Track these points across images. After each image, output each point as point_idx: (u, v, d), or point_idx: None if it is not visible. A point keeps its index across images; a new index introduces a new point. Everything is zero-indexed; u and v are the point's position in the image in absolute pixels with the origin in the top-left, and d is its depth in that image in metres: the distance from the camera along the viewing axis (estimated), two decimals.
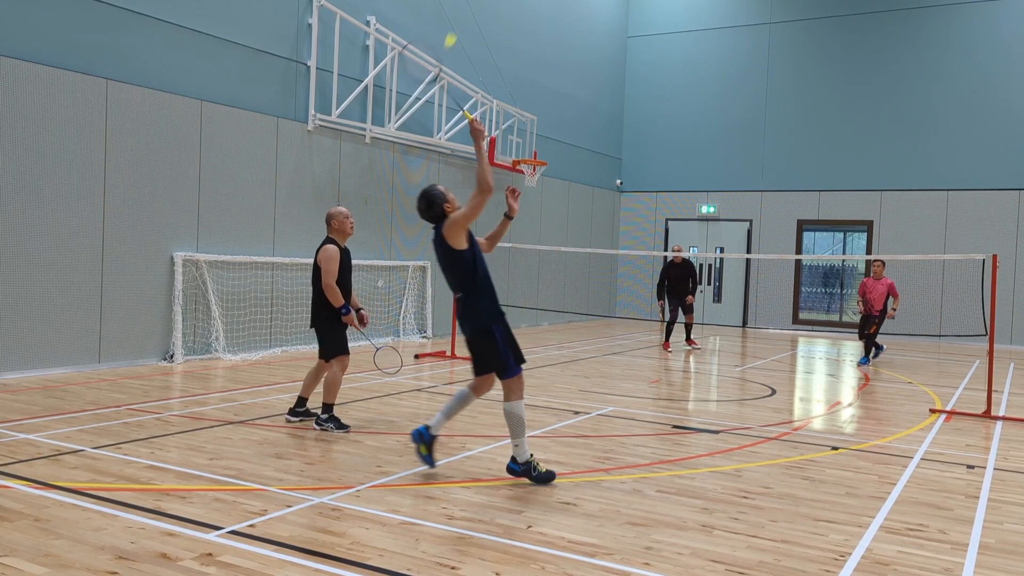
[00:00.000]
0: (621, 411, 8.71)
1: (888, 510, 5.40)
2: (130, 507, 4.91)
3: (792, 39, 21.04)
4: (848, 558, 4.48)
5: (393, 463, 6.19)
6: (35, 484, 5.32)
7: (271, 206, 12.58)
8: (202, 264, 11.40)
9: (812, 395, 10.87)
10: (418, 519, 4.87)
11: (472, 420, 8.04)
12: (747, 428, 8.09)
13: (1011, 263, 18.15)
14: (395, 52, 14.16)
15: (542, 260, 19.34)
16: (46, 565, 4.02)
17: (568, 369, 12.13)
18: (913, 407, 9.67)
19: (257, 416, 7.76)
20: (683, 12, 22.37)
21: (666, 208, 22.58)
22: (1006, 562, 4.53)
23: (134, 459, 6.02)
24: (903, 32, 19.79)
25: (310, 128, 13.09)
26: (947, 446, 7.49)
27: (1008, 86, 18.71)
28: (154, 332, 10.97)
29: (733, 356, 15.04)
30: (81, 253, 10.08)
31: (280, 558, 4.19)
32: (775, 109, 21.18)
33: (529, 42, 18.70)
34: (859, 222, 20.41)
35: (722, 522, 5.03)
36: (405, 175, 15.20)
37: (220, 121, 11.72)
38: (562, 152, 20.23)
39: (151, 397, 8.58)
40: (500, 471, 6.05)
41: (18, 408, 7.72)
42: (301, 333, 13.05)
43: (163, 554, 4.19)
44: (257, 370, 10.78)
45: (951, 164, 19.23)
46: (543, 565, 4.23)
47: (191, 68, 11.33)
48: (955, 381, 12.21)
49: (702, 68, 22.08)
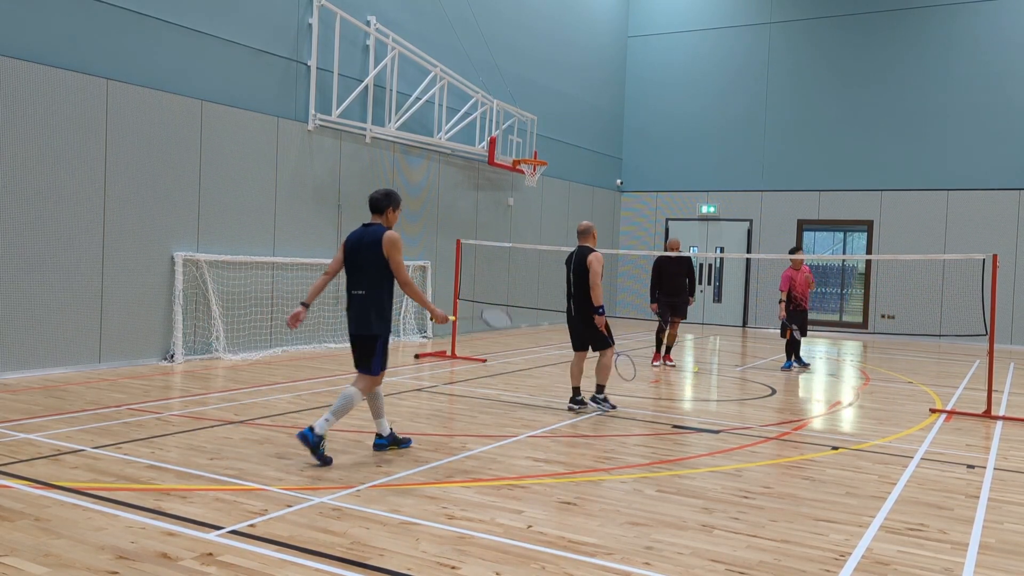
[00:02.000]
0: (621, 411, 8.72)
1: (888, 510, 5.40)
2: (130, 507, 4.92)
3: (792, 39, 21.04)
4: (848, 558, 4.48)
5: (393, 463, 6.19)
6: (35, 484, 5.32)
7: (271, 206, 12.58)
8: (202, 264, 11.40)
9: (812, 395, 10.87)
10: (418, 519, 4.87)
11: (472, 420, 8.05)
12: (747, 428, 8.09)
13: (1011, 263, 18.14)
14: (395, 52, 14.16)
15: (542, 260, 19.34)
16: (46, 565, 4.02)
17: (568, 369, 12.10)
18: (913, 407, 9.67)
19: (257, 416, 7.76)
20: (683, 12, 22.37)
21: (666, 208, 22.58)
22: (1006, 562, 4.53)
23: (134, 459, 6.03)
24: (903, 32, 19.79)
25: (310, 128, 13.09)
26: (947, 446, 7.49)
27: (1008, 86, 18.70)
28: (154, 332, 10.98)
29: (733, 356, 15.04)
30: (81, 253, 10.08)
31: (280, 558, 4.19)
32: (775, 109, 21.18)
33: (529, 42, 18.70)
34: (859, 222, 20.40)
35: (722, 522, 5.04)
36: (406, 175, 15.20)
37: (220, 121, 11.72)
38: (562, 152, 20.23)
39: (151, 397, 8.58)
40: (500, 471, 6.05)
41: (18, 408, 7.72)
42: (301, 333, 13.06)
43: (163, 554, 4.19)
44: (257, 370, 10.78)
45: (951, 164, 19.23)
46: (543, 565, 4.23)
47: (191, 68, 11.33)
48: (955, 381, 12.21)
49: (702, 68, 22.08)
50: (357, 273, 6.37)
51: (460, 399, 9.24)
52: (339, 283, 13.78)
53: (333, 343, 13.54)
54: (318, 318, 13.37)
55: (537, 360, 12.94)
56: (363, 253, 6.31)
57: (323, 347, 13.25)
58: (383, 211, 6.51)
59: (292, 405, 8.38)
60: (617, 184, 23.04)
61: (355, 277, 6.38)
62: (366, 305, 6.29)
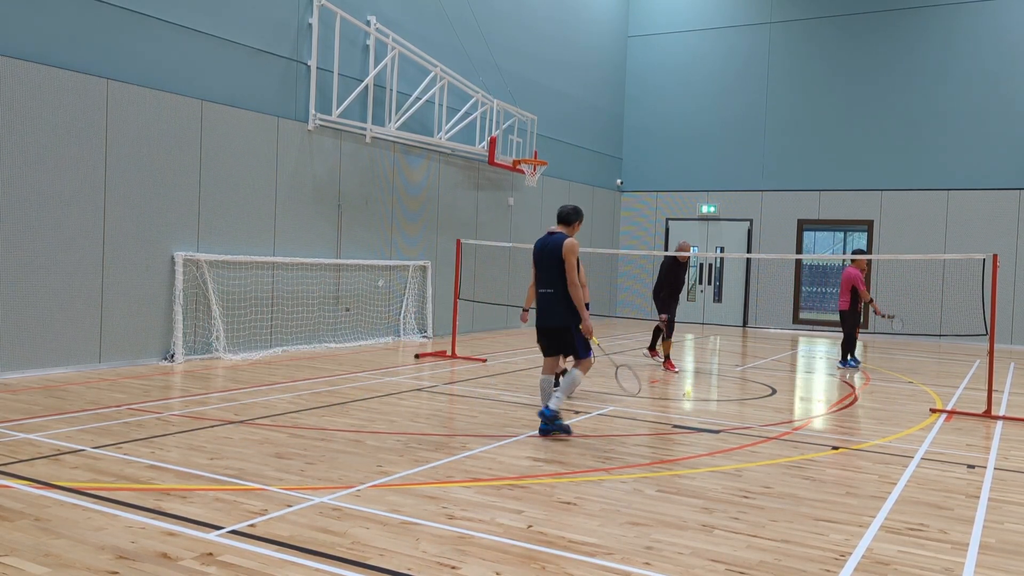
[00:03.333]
0: (621, 411, 8.71)
1: (888, 510, 5.40)
2: (130, 507, 4.91)
3: (792, 39, 21.04)
4: (848, 558, 4.48)
5: (393, 463, 6.19)
6: (36, 484, 5.32)
7: (271, 206, 12.58)
8: (202, 264, 11.40)
9: (812, 395, 10.87)
10: (418, 519, 4.87)
11: (472, 420, 8.05)
12: (747, 428, 8.09)
13: (1011, 263, 18.14)
14: (395, 52, 14.16)
15: None
16: (47, 565, 4.02)
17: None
18: (913, 407, 9.67)
19: (258, 416, 7.76)
20: (683, 12, 22.37)
21: (666, 208, 22.58)
22: (1006, 562, 4.53)
23: (134, 459, 6.03)
24: (903, 32, 19.78)
25: (310, 128, 13.09)
26: (947, 446, 7.49)
27: (1009, 86, 18.70)
28: (154, 332, 10.98)
29: (733, 356, 15.04)
30: (82, 253, 10.08)
31: (281, 558, 4.19)
32: (775, 109, 21.18)
33: (529, 42, 18.70)
34: (859, 222, 20.41)
35: (722, 522, 5.03)
36: (406, 174, 15.20)
37: (220, 121, 11.72)
38: (562, 152, 20.23)
39: (151, 397, 8.58)
40: (500, 471, 6.05)
41: (18, 408, 7.72)
42: (301, 333, 13.06)
43: (164, 554, 4.19)
44: (257, 370, 10.78)
45: (951, 164, 19.23)
46: (543, 565, 4.23)
47: (191, 68, 11.33)
48: (955, 381, 12.21)
49: (702, 68, 22.08)
50: (544, 274, 7.41)
51: (460, 399, 9.24)
52: (339, 283, 13.79)
53: (333, 343, 13.55)
54: (318, 318, 13.38)
55: (537, 360, 12.94)
56: (548, 257, 7.37)
57: (323, 347, 13.25)
58: (571, 223, 7.55)
59: (292, 405, 8.38)
60: (617, 184, 23.04)
61: (543, 277, 7.44)
62: (554, 301, 7.34)
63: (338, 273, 13.82)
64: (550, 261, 7.34)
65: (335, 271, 13.75)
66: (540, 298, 7.44)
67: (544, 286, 7.41)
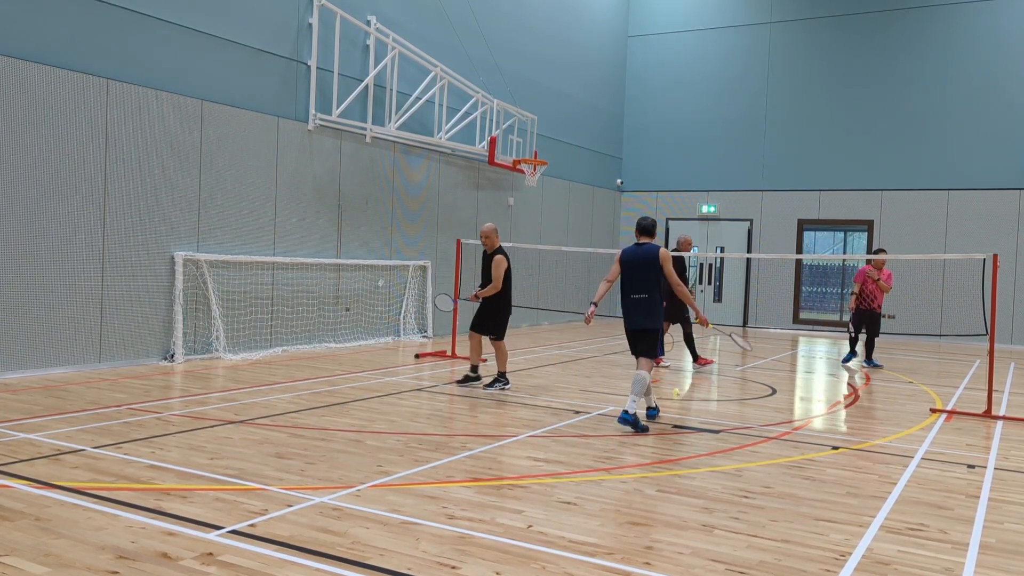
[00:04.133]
0: (621, 411, 8.70)
1: (888, 510, 5.40)
2: (131, 507, 4.92)
3: (792, 39, 21.04)
4: (848, 558, 4.48)
5: (393, 463, 6.20)
6: (36, 484, 5.33)
7: (271, 206, 12.58)
8: (202, 264, 11.40)
9: (812, 395, 10.87)
10: (418, 519, 4.87)
11: (472, 420, 8.05)
12: (748, 428, 8.09)
13: (1011, 263, 18.14)
14: (395, 52, 14.16)
15: (543, 260, 19.34)
16: (47, 565, 4.02)
17: (569, 369, 12.13)
18: (913, 407, 9.67)
19: (258, 416, 7.76)
20: (683, 12, 22.37)
21: (667, 208, 22.58)
22: (1007, 562, 4.53)
23: (135, 459, 6.03)
24: (903, 32, 19.78)
25: (310, 128, 13.10)
26: (948, 446, 7.49)
27: (1008, 86, 18.70)
28: (154, 332, 10.98)
29: (733, 356, 15.03)
30: (82, 253, 10.08)
31: (281, 558, 4.19)
32: (775, 109, 21.18)
33: (529, 42, 18.70)
34: (859, 222, 20.41)
35: (722, 522, 5.03)
36: (406, 174, 15.20)
37: (220, 121, 11.73)
38: (562, 152, 20.23)
39: (151, 397, 8.58)
40: (500, 471, 6.05)
41: (19, 408, 7.72)
42: (301, 333, 13.06)
43: (164, 554, 4.19)
44: (258, 370, 10.78)
45: (951, 163, 19.23)
46: (543, 565, 4.23)
47: (191, 68, 11.33)
48: (955, 381, 12.21)
49: (702, 68, 22.08)
50: (639, 281, 7.97)
51: (460, 399, 9.24)
52: (339, 283, 13.78)
53: (333, 343, 13.55)
54: (318, 318, 13.38)
55: (537, 360, 12.95)
56: (641, 265, 7.98)
57: (323, 347, 13.25)
58: (653, 234, 8.21)
59: (292, 405, 8.38)
60: (617, 184, 23.04)
61: (636, 284, 8.00)
62: (647, 305, 7.93)
63: (338, 273, 13.82)
64: (644, 269, 7.95)
65: (335, 271, 13.75)
66: (633, 303, 7.96)
67: (638, 292, 7.97)
